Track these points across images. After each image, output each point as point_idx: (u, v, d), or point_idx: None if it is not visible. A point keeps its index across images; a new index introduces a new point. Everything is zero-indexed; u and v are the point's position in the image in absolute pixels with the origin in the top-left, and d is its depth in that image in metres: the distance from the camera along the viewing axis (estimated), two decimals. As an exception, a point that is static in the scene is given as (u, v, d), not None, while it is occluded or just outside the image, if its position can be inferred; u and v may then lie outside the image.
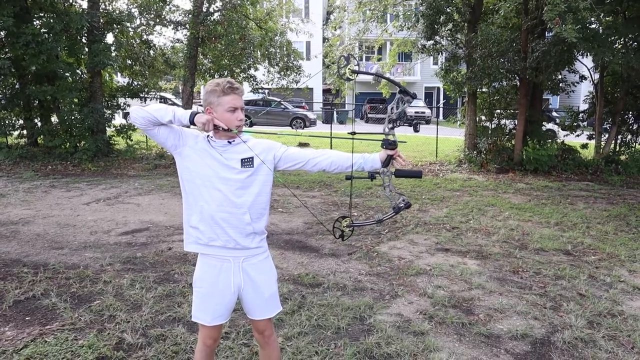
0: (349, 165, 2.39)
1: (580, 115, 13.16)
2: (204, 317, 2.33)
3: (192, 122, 2.17)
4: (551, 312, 3.95)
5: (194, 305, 2.37)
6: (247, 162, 2.26)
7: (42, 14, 11.79)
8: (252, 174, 2.27)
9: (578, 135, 12.96)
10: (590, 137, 12.79)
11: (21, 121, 12.27)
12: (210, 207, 2.23)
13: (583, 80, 12.43)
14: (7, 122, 12.06)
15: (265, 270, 2.38)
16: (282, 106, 26.16)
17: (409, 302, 4.12)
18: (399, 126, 2.32)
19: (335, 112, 28.37)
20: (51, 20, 10.92)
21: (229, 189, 2.23)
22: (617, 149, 12.29)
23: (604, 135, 12.46)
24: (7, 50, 11.00)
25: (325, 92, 35.08)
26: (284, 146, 2.39)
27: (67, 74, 11.60)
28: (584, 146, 12.55)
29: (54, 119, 12.40)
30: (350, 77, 2.37)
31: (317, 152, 2.43)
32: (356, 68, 2.37)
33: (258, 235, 2.33)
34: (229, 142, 2.25)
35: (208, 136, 2.25)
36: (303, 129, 23.76)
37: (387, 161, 2.36)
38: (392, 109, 2.38)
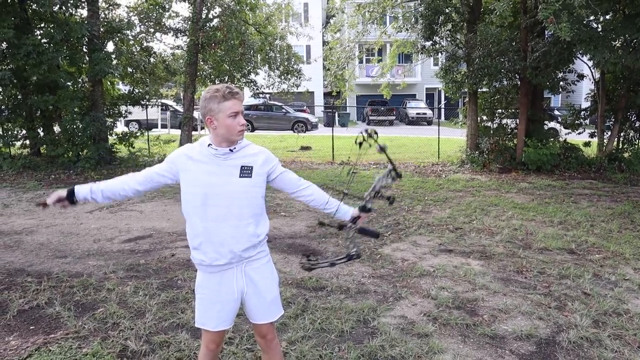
0: (325, 208, 2.47)
1: (582, 113, 13.12)
2: (208, 323, 2.34)
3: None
4: (556, 312, 3.93)
5: (197, 311, 2.37)
6: (246, 170, 2.26)
7: (43, 25, 11.85)
8: (250, 184, 2.28)
9: (580, 133, 12.92)
10: (592, 135, 12.74)
11: (24, 131, 12.32)
12: (213, 225, 2.23)
13: (582, 79, 12.39)
14: (10, 132, 12.13)
15: (267, 274, 2.39)
16: (284, 110, 26.19)
17: (413, 304, 4.11)
18: (379, 197, 2.47)
19: (337, 115, 28.39)
20: (51, 31, 10.97)
21: (230, 201, 2.23)
22: (620, 147, 12.25)
23: (607, 133, 12.41)
24: (8, 61, 11.06)
25: (327, 95, 35.11)
26: (280, 166, 2.42)
27: (68, 83, 11.65)
28: (587, 144, 12.51)
29: (56, 128, 12.44)
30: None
31: (304, 184, 2.49)
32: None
33: (261, 241, 2.36)
34: (231, 150, 2.25)
35: (209, 145, 2.24)
36: (305, 132, 23.79)
37: (356, 220, 2.48)
38: (380, 179, 2.49)
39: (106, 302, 4.13)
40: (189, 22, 13.35)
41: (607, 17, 11.16)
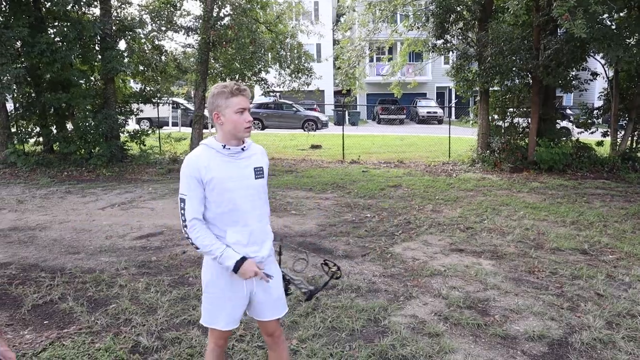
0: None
1: (595, 112, 12.95)
2: (218, 322, 2.33)
3: (235, 271, 2.20)
4: (568, 313, 3.89)
5: (205, 310, 2.37)
6: (258, 171, 2.31)
7: (56, 23, 11.98)
8: (263, 184, 2.35)
9: (592, 133, 12.78)
10: (605, 134, 12.59)
11: (37, 129, 12.47)
12: (245, 228, 2.26)
13: (596, 78, 12.25)
14: (24, 130, 12.29)
15: (273, 271, 2.41)
16: (294, 109, 26.21)
17: (424, 303, 4.10)
18: (288, 281, 2.49)
19: (347, 114, 28.36)
20: (65, 29, 11.08)
21: (253, 203, 2.27)
22: (633, 146, 12.09)
23: (620, 132, 12.25)
24: (22, 59, 11.20)
25: (337, 93, 35.10)
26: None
27: (81, 81, 11.78)
28: (599, 143, 12.36)
29: (69, 125, 12.58)
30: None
31: (267, 201, 2.50)
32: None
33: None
34: (242, 149, 2.28)
35: (224, 146, 2.24)
36: (315, 131, 23.78)
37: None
38: (304, 284, 2.52)
39: (118, 298, 4.17)
40: (200, 21, 13.39)
41: (622, 14, 11.02)
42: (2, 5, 11.26)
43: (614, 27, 10.37)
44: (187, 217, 2.20)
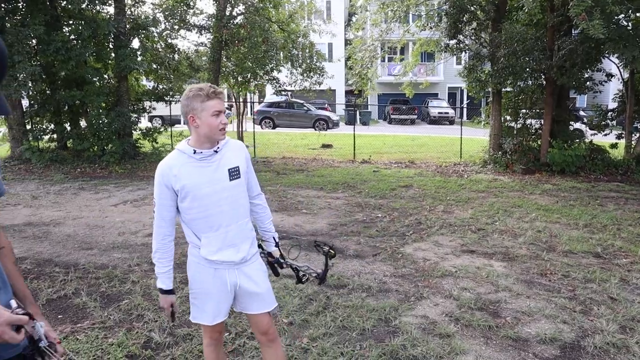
0: (264, 227, 2.57)
1: (609, 114, 12.80)
2: (205, 318, 2.36)
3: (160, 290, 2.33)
4: (581, 316, 3.86)
5: (192, 306, 2.39)
6: (234, 172, 2.28)
7: (71, 21, 12.12)
8: (240, 184, 2.33)
9: (606, 135, 12.63)
10: (619, 137, 12.44)
11: (52, 126, 12.63)
12: (219, 231, 2.26)
13: (610, 79, 12.09)
14: (39, 127, 12.46)
15: (257, 266, 2.42)
16: (305, 108, 26.24)
17: (435, 304, 4.09)
18: (291, 267, 2.59)
19: (358, 113, 28.31)
20: (80, 27, 11.21)
21: (229, 206, 2.26)
22: (648, 149, 11.93)
23: (635, 135, 12.10)
24: (38, 57, 11.34)
25: (348, 93, 35.05)
26: (250, 165, 2.45)
27: (95, 79, 11.90)
28: (614, 146, 12.21)
29: (83, 123, 12.72)
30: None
31: (262, 196, 2.55)
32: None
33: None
34: (215, 152, 2.25)
35: (195, 151, 2.22)
36: (326, 130, 23.79)
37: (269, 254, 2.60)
38: (309, 268, 2.61)
39: (131, 294, 4.21)
40: (213, 20, 13.47)
41: (638, 14, 10.87)
42: (20, 4, 11.41)
43: (630, 27, 10.25)
44: (155, 220, 2.30)
